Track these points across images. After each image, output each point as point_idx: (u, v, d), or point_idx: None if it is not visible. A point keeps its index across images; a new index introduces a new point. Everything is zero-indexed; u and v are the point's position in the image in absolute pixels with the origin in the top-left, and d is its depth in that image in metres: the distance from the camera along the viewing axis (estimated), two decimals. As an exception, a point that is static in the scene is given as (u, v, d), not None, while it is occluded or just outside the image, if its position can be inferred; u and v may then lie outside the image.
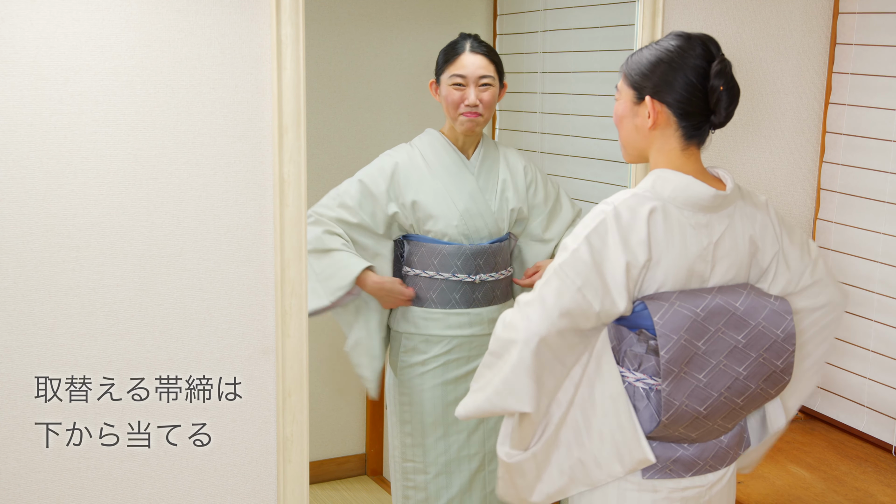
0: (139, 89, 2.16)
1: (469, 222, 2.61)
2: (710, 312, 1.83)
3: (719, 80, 1.83)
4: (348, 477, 4.02)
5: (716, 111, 1.85)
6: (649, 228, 1.80)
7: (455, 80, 2.61)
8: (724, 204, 1.89)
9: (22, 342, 2.16)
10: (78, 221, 2.16)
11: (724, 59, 1.85)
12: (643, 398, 1.87)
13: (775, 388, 1.93)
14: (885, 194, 2.83)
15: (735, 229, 1.91)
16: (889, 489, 2.60)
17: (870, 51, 2.87)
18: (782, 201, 3.03)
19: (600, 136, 3.14)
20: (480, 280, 2.64)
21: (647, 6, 2.69)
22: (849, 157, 2.96)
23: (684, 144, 1.88)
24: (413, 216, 2.60)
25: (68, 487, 2.24)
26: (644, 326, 1.85)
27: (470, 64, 2.61)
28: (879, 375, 2.87)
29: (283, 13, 2.24)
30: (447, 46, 2.67)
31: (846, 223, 2.97)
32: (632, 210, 1.80)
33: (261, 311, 2.35)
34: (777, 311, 1.88)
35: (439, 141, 2.68)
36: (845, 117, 2.96)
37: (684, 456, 1.90)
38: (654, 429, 1.86)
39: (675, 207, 1.84)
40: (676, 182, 1.84)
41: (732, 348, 1.85)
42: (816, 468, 2.73)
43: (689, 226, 1.85)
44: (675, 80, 1.83)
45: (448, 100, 2.63)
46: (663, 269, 1.83)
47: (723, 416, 1.89)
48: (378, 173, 2.64)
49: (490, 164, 2.69)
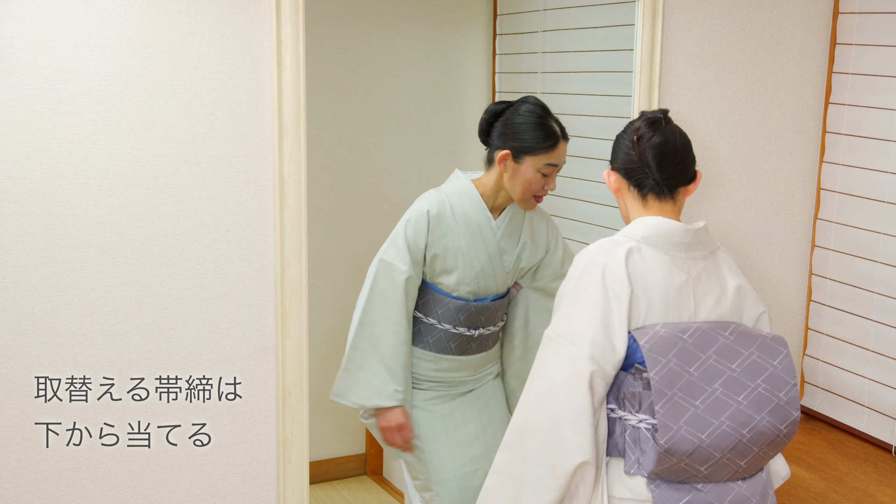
0: (139, 89, 2.17)
1: (481, 282, 2.56)
2: (697, 339, 1.87)
3: (637, 139, 1.99)
4: (348, 477, 4.02)
5: (648, 169, 1.99)
6: (627, 264, 1.90)
7: (548, 170, 2.47)
8: (696, 242, 1.97)
9: (22, 342, 2.16)
10: (78, 221, 2.16)
11: (651, 118, 2.01)
12: (648, 439, 1.87)
13: (784, 423, 1.90)
14: (885, 194, 2.83)
15: (720, 272, 1.99)
16: (889, 489, 2.60)
17: (870, 51, 2.87)
18: (782, 201, 3.03)
19: (600, 136, 3.14)
20: (479, 335, 2.63)
21: (647, 6, 2.69)
22: (849, 157, 2.96)
23: (642, 200, 2.02)
24: (430, 266, 2.56)
25: (68, 487, 2.24)
26: (637, 361, 1.88)
27: (563, 153, 2.50)
28: (879, 375, 2.87)
29: (283, 13, 2.24)
30: (536, 125, 2.47)
31: (846, 223, 2.97)
32: (608, 252, 1.92)
33: (261, 311, 2.35)
34: (770, 343, 1.93)
35: (470, 196, 2.55)
36: (845, 117, 2.96)
37: (696, 499, 1.87)
38: (656, 460, 1.86)
39: (649, 246, 1.94)
40: (648, 223, 1.97)
41: (728, 377, 1.87)
42: (816, 468, 2.73)
43: (667, 257, 1.94)
44: (617, 148, 2.06)
45: (530, 183, 2.48)
46: (645, 302, 1.90)
47: (730, 448, 1.86)
48: (414, 232, 2.51)
49: (514, 227, 2.61)
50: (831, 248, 3.03)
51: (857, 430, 2.94)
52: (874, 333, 2.88)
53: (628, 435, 1.90)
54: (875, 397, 2.89)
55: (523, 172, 2.47)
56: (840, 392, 3.02)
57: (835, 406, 3.04)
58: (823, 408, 3.07)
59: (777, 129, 2.99)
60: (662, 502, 1.86)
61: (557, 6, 3.36)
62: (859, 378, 2.94)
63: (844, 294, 2.98)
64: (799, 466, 2.74)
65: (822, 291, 3.07)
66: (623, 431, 1.91)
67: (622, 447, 1.91)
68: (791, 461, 2.77)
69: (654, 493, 1.87)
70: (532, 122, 2.46)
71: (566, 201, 3.31)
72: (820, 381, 3.09)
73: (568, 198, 3.30)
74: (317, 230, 3.70)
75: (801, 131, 3.02)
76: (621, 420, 1.91)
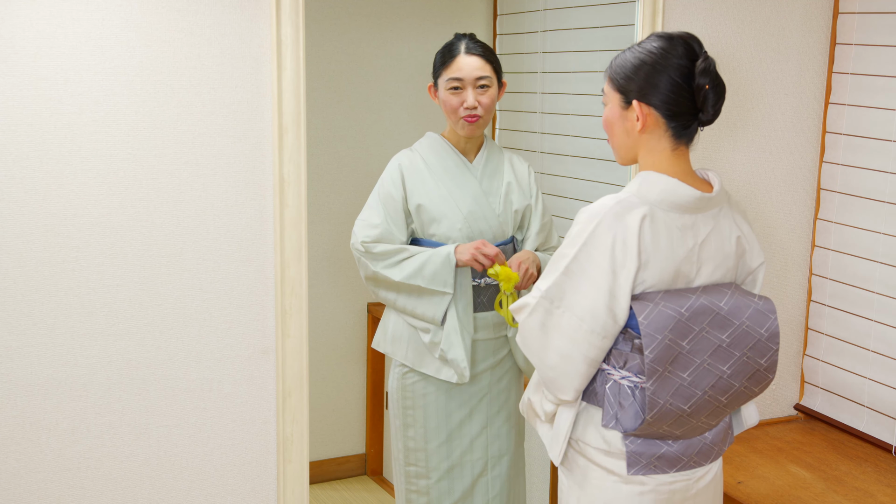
0: (139, 89, 2.17)
1: (473, 225, 2.59)
2: (694, 312, 1.84)
3: (704, 79, 1.83)
4: (348, 477, 4.02)
5: (703, 109, 1.86)
6: (640, 236, 1.82)
7: (452, 84, 2.56)
8: (708, 205, 1.90)
9: (22, 342, 2.16)
10: (78, 221, 2.16)
11: (708, 57, 1.85)
12: (628, 396, 1.88)
13: (759, 385, 1.95)
14: (885, 194, 2.83)
15: (721, 230, 1.93)
16: (889, 489, 2.60)
17: (870, 51, 2.87)
18: (782, 201, 3.03)
19: (600, 136, 3.14)
20: (486, 283, 2.63)
21: (647, 6, 2.70)
22: (849, 157, 2.96)
23: (674, 144, 1.89)
24: (418, 219, 2.59)
25: (68, 487, 2.24)
26: (629, 325, 1.87)
27: (466, 66, 2.56)
28: (879, 375, 2.87)
29: (283, 13, 2.24)
30: (442, 48, 2.63)
31: (846, 223, 2.97)
32: (620, 218, 1.82)
33: (261, 311, 2.35)
34: (761, 310, 1.90)
35: (440, 144, 2.66)
36: (845, 117, 2.96)
37: (668, 452, 1.91)
38: (638, 426, 1.87)
39: (662, 210, 1.85)
40: (663, 185, 1.86)
41: (717, 347, 1.87)
42: (816, 468, 2.73)
43: (676, 228, 1.86)
44: (659, 82, 1.83)
45: (447, 104, 2.59)
46: (651, 271, 1.85)
47: (707, 413, 1.91)
48: (391, 183, 2.60)
49: (494, 167, 2.66)
50: (831, 248, 3.03)
51: (857, 430, 2.94)
52: (874, 333, 2.88)
53: (609, 388, 1.90)
54: (875, 397, 2.89)
55: (441, 97, 2.61)
56: (840, 392, 3.02)
57: (835, 406, 3.04)
58: (823, 408, 3.07)
59: (777, 129, 2.98)
60: (636, 456, 1.90)
61: (557, 6, 3.36)
62: (859, 378, 2.94)
63: (844, 294, 2.98)
64: (799, 466, 2.74)
65: (822, 291, 3.07)
66: (604, 383, 1.91)
67: (601, 398, 1.92)
68: (791, 461, 2.77)
69: (628, 447, 1.89)
70: (441, 49, 2.63)
71: (567, 201, 3.31)
72: (820, 381, 3.09)
73: (569, 198, 3.31)
74: (317, 230, 3.70)
75: (801, 131, 3.02)
76: (603, 372, 1.91)
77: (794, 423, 3.07)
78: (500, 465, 2.70)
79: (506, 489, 2.74)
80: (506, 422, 2.70)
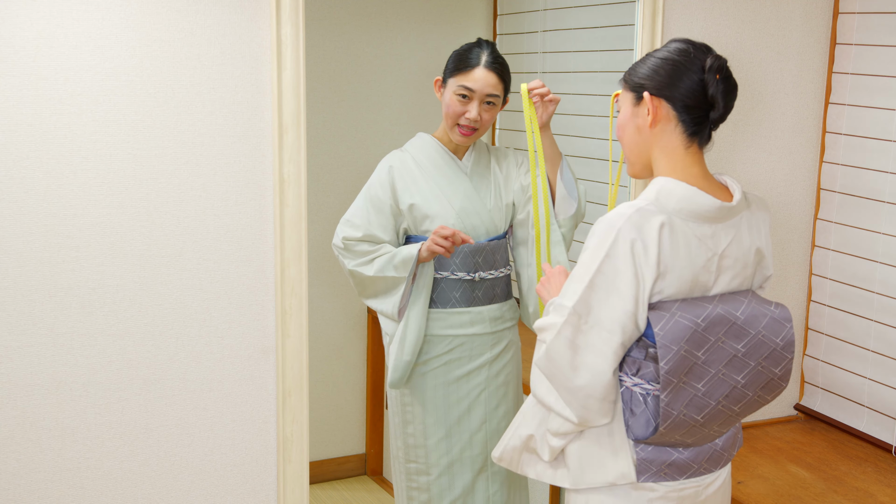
0: (139, 89, 2.17)
1: (465, 220, 2.60)
2: (710, 322, 1.82)
3: (715, 73, 1.84)
4: (348, 477, 4.02)
5: (714, 104, 1.85)
6: (660, 245, 1.79)
7: (462, 91, 2.55)
8: (729, 215, 1.88)
9: (22, 342, 2.16)
10: (78, 221, 2.16)
11: (719, 56, 1.87)
12: (640, 403, 1.87)
13: (772, 394, 1.94)
14: (885, 194, 2.83)
15: (742, 240, 1.90)
16: (889, 489, 2.60)
17: (870, 51, 2.87)
18: (782, 201, 3.03)
19: (600, 136, 3.14)
20: (480, 278, 2.64)
21: (647, 6, 2.69)
22: (849, 157, 2.96)
23: (687, 142, 1.87)
24: (411, 217, 2.60)
25: (68, 487, 2.24)
26: (644, 334, 1.85)
27: (481, 79, 2.54)
28: (879, 375, 2.87)
29: (283, 13, 2.24)
30: (462, 51, 2.58)
31: (846, 223, 2.97)
32: (639, 227, 1.79)
33: (261, 311, 2.35)
34: (777, 318, 1.88)
35: (430, 144, 2.67)
36: (845, 117, 2.96)
37: (679, 460, 1.90)
38: (650, 435, 1.86)
39: (681, 219, 1.82)
40: (681, 194, 1.83)
41: (732, 357, 1.85)
42: (816, 468, 2.73)
43: (695, 237, 1.84)
44: (674, 76, 1.84)
45: (449, 107, 2.58)
46: (669, 281, 1.82)
47: (719, 423, 1.90)
48: (378, 185, 2.62)
49: (483, 166, 2.69)
50: (831, 248, 3.03)
51: (857, 430, 2.94)
52: (874, 333, 2.88)
53: (621, 394, 1.89)
54: (875, 397, 2.89)
55: (446, 95, 2.60)
56: (840, 392, 3.02)
57: (835, 406, 3.04)
58: (823, 408, 3.07)
59: (777, 129, 2.98)
60: (646, 463, 1.89)
61: (557, 6, 3.36)
62: (859, 378, 2.94)
63: (844, 294, 2.98)
64: (799, 466, 2.74)
65: (822, 291, 3.07)
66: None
67: None
68: (791, 461, 2.77)
69: (638, 455, 1.89)
70: (461, 50, 2.60)
71: (566, 201, 3.31)
72: (820, 381, 3.09)
73: (568, 198, 3.30)
74: (317, 230, 3.70)
75: (801, 131, 3.02)
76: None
77: (794, 423, 3.07)
78: None
79: (507, 485, 2.75)
80: (504, 417, 2.71)
